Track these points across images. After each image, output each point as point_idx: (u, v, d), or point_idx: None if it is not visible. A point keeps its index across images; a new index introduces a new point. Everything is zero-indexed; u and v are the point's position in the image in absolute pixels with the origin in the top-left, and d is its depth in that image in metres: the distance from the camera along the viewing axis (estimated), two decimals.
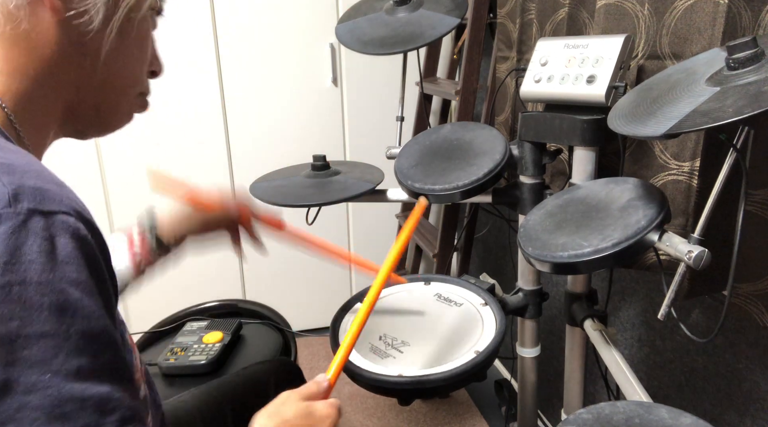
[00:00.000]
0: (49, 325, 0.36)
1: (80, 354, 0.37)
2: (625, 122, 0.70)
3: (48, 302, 0.36)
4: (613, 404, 0.68)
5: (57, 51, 0.49)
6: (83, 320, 0.38)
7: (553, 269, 0.77)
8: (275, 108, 2.18)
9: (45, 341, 0.36)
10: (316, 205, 1.10)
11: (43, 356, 0.36)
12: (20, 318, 0.35)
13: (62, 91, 0.52)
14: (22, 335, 0.35)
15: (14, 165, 0.39)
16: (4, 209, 0.36)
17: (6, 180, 0.38)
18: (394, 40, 1.12)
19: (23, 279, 0.36)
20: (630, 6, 0.97)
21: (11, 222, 0.36)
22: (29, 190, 0.38)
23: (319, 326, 2.41)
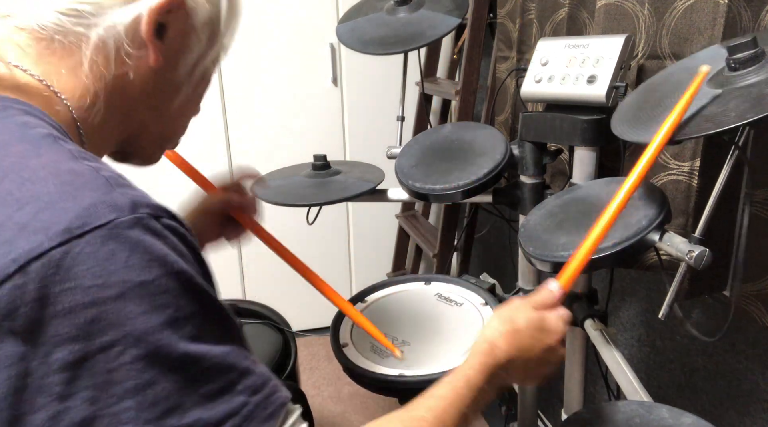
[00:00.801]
0: (192, 306, 0.42)
1: (217, 325, 0.45)
2: (629, 128, 0.70)
3: (187, 287, 0.42)
4: (613, 404, 0.68)
5: (141, 95, 0.54)
6: (212, 301, 0.45)
7: (553, 268, 0.77)
8: (275, 108, 2.18)
9: (194, 319, 0.42)
10: (316, 205, 1.10)
11: (197, 331, 0.42)
12: (173, 305, 0.41)
13: (131, 126, 0.57)
14: (179, 317, 0.41)
15: (118, 178, 0.44)
16: (130, 215, 0.41)
17: (120, 191, 0.42)
18: (395, 40, 1.12)
19: (165, 272, 0.41)
20: (630, 6, 0.97)
21: (140, 225, 0.41)
22: (140, 198, 0.43)
23: (319, 326, 2.41)
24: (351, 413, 1.93)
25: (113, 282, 0.39)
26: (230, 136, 2.17)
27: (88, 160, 0.45)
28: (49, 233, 0.38)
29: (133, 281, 0.40)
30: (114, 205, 0.41)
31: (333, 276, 2.41)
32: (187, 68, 0.56)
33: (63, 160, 0.43)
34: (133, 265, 0.40)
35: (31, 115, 0.47)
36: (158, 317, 0.40)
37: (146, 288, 0.40)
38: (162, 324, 0.40)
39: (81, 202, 0.40)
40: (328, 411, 1.94)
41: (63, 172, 0.42)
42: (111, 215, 0.40)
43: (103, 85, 0.51)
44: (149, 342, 0.40)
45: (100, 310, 0.38)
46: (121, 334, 0.39)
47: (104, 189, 0.42)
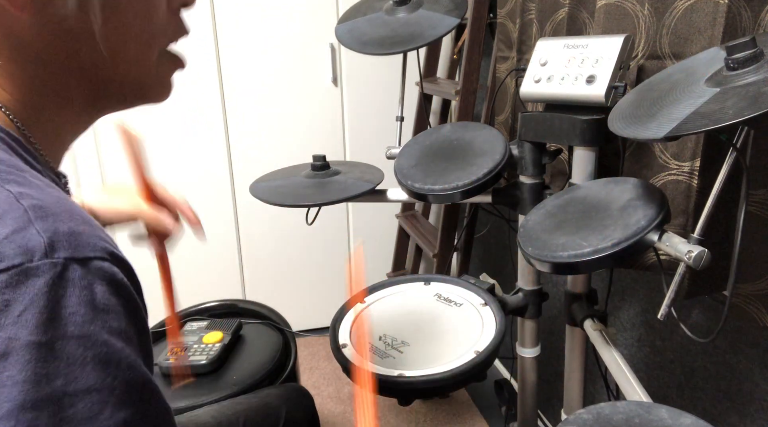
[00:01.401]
0: (93, 379, 0.35)
1: (126, 406, 0.36)
2: (626, 124, 0.70)
3: (91, 356, 0.35)
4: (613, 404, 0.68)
5: (45, 48, 0.45)
6: (127, 371, 0.37)
7: (553, 269, 0.77)
8: (275, 108, 2.18)
9: (91, 397, 0.35)
10: (316, 206, 1.10)
11: (90, 412, 0.34)
12: (65, 375, 0.34)
13: (73, 84, 0.48)
14: (68, 392, 0.34)
15: (45, 206, 0.37)
16: (41, 261, 0.35)
17: (40, 226, 0.36)
18: (394, 40, 1.12)
19: (65, 334, 0.34)
20: (630, 6, 0.97)
21: (49, 274, 0.35)
22: (64, 236, 0.36)
23: (319, 326, 2.41)
24: (351, 413, 1.93)
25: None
26: (230, 137, 2.17)
27: (14, 183, 0.38)
28: None
29: (22, 340, 0.33)
30: (24, 245, 0.34)
31: (333, 276, 2.41)
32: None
33: None
34: (27, 321, 0.33)
35: None
36: (41, 388, 0.33)
37: (35, 352, 0.33)
38: (42, 400, 0.33)
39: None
40: (328, 411, 1.94)
41: None
42: (17, 258, 0.34)
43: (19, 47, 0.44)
44: (20, 420, 0.32)
45: None
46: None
47: (19, 223, 0.35)
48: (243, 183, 2.22)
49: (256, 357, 1.36)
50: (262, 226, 2.28)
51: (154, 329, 1.50)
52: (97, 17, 0.45)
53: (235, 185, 2.22)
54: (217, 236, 2.25)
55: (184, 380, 1.02)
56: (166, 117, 2.06)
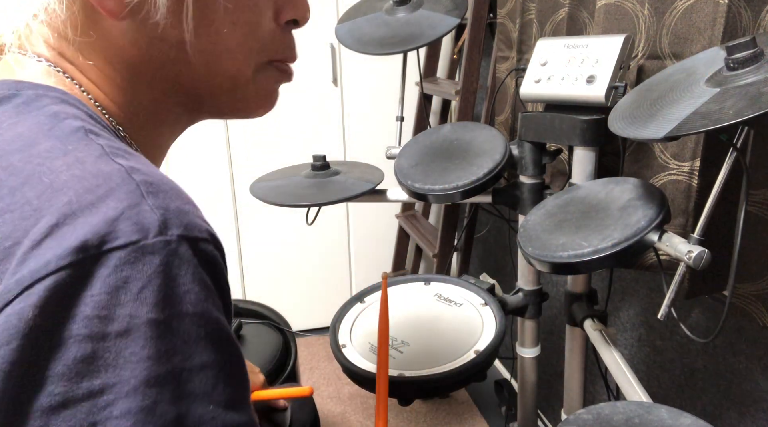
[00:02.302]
0: (207, 355, 0.36)
1: (232, 383, 0.37)
2: (626, 124, 0.70)
3: (205, 333, 0.36)
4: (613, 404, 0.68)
5: (139, 54, 0.45)
6: (232, 348, 0.38)
7: (553, 269, 0.77)
8: (275, 108, 2.17)
9: (206, 372, 0.35)
10: (316, 206, 1.10)
11: (205, 387, 0.35)
12: (182, 352, 0.34)
13: (166, 92, 0.48)
14: (185, 368, 0.34)
15: (155, 183, 0.37)
16: (156, 238, 0.35)
17: (153, 203, 0.36)
18: (394, 40, 1.12)
19: (181, 312, 0.35)
20: (630, 6, 0.97)
21: (164, 252, 0.35)
22: (174, 214, 0.36)
23: (319, 326, 2.41)
24: (351, 413, 1.93)
25: (118, 316, 0.33)
26: (230, 136, 2.17)
27: (123, 157, 0.39)
28: (60, 251, 0.32)
29: (142, 317, 0.33)
30: (140, 222, 0.35)
31: (333, 276, 2.41)
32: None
33: (91, 158, 0.37)
34: (146, 299, 0.34)
35: (66, 103, 0.42)
36: (162, 365, 0.34)
37: (155, 329, 0.34)
38: (164, 376, 0.34)
39: (104, 214, 0.34)
40: (328, 411, 1.94)
41: (89, 175, 0.36)
42: (134, 234, 0.34)
43: (97, 71, 0.45)
44: (146, 395, 0.33)
45: (96, 346, 0.32)
46: (115, 379, 0.33)
47: (133, 198, 0.35)
48: (243, 183, 2.22)
49: (256, 357, 1.36)
50: (262, 226, 2.28)
51: None
52: (189, 27, 0.44)
53: (235, 185, 2.23)
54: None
55: None
56: None
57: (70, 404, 0.32)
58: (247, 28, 0.47)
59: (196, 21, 0.44)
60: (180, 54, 0.45)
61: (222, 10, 0.45)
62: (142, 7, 0.42)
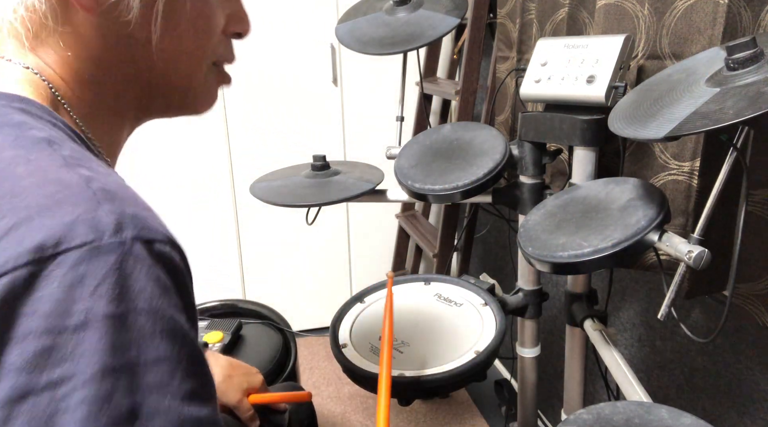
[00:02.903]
0: (162, 350, 0.37)
1: (190, 377, 0.38)
2: (626, 124, 0.70)
3: (159, 329, 0.37)
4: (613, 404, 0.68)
5: (106, 50, 0.49)
6: (190, 345, 0.39)
7: (553, 269, 0.77)
8: (275, 108, 2.18)
9: (161, 367, 0.37)
10: (316, 206, 1.10)
11: (161, 380, 0.37)
12: (137, 346, 0.36)
13: (126, 88, 0.52)
14: (140, 362, 0.36)
15: (112, 190, 0.40)
16: (111, 239, 0.37)
17: (108, 208, 0.38)
18: (394, 40, 1.12)
19: (135, 308, 0.36)
20: (630, 6, 0.97)
21: (119, 252, 0.37)
22: (129, 218, 0.38)
23: (319, 326, 2.41)
24: (351, 413, 1.93)
25: (76, 310, 0.35)
26: (230, 137, 2.17)
27: (82, 168, 0.41)
28: (19, 251, 0.34)
29: (98, 311, 0.35)
30: (95, 224, 0.37)
31: (333, 276, 2.41)
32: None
33: (53, 168, 0.40)
34: (102, 294, 0.35)
35: (28, 113, 0.44)
36: (117, 357, 0.35)
37: (111, 322, 0.35)
38: (119, 368, 0.35)
39: (61, 218, 0.36)
40: (328, 411, 1.94)
41: (49, 183, 0.38)
42: (89, 235, 0.36)
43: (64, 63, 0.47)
44: (102, 384, 0.35)
45: (54, 340, 0.34)
46: (72, 371, 0.34)
47: (89, 204, 0.38)
48: (243, 183, 2.22)
49: (256, 357, 1.36)
50: (262, 226, 2.28)
51: None
52: (156, 29, 0.49)
53: (235, 185, 2.23)
54: (217, 236, 2.25)
55: None
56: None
57: (30, 395, 0.33)
58: (204, 34, 0.53)
59: (162, 23, 0.49)
60: (144, 53, 0.50)
61: (186, 16, 0.50)
62: (117, 5, 0.46)
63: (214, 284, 2.27)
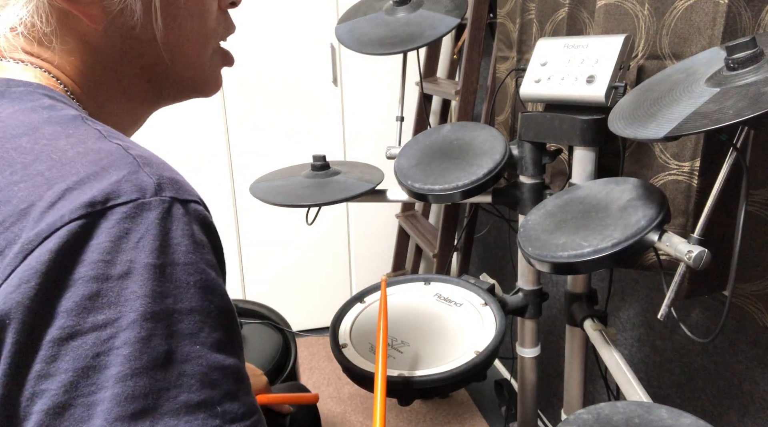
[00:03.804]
0: (195, 301, 0.40)
1: (219, 328, 0.41)
2: (626, 124, 0.70)
3: (194, 281, 0.40)
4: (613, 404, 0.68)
5: (113, 53, 0.51)
6: (219, 298, 0.42)
7: (552, 269, 0.77)
8: (275, 108, 2.18)
9: (193, 316, 0.40)
10: (316, 206, 1.10)
11: (192, 329, 0.40)
12: (174, 296, 0.39)
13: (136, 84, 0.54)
14: (176, 310, 0.39)
15: (148, 157, 0.43)
16: (153, 197, 0.40)
17: (148, 171, 0.42)
18: (394, 40, 1.12)
19: (173, 261, 0.40)
20: (630, 6, 0.97)
21: (160, 209, 0.40)
22: (168, 180, 0.42)
23: (319, 326, 2.41)
24: (351, 413, 1.93)
25: (120, 260, 0.38)
26: (230, 136, 2.17)
27: (118, 139, 0.44)
28: (72, 206, 0.38)
29: (140, 262, 0.39)
30: (139, 185, 0.40)
31: (333, 276, 2.41)
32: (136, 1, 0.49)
33: (91, 139, 0.43)
34: (144, 246, 0.39)
35: (54, 98, 0.47)
36: (156, 303, 0.38)
37: (152, 272, 0.39)
38: (158, 314, 0.38)
39: (107, 179, 0.40)
40: (328, 411, 1.94)
41: (91, 152, 0.42)
42: (134, 194, 0.40)
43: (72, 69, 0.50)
44: (143, 328, 0.38)
45: (101, 286, 0.37)
46: (117, 314, 0.37)
47: (132, 168, 0.41)
48: (243, 183, 2.22)
49: (256, 357, 1.36)
50: (262, 226, 2.28)
51: None
52: (159, 24, 0.51)
53: (235, 185, 2.23)
54: None
55: None
56: (167, 117, 2.06)
57: (77, 335, 0.37)
58: (202, 17, 0.55)
59: (163, 18, 0.51)
60: (151, 49, 0.52)
61: (182, 4, 0.52)
62: (122, 12, 0.49)
63: None
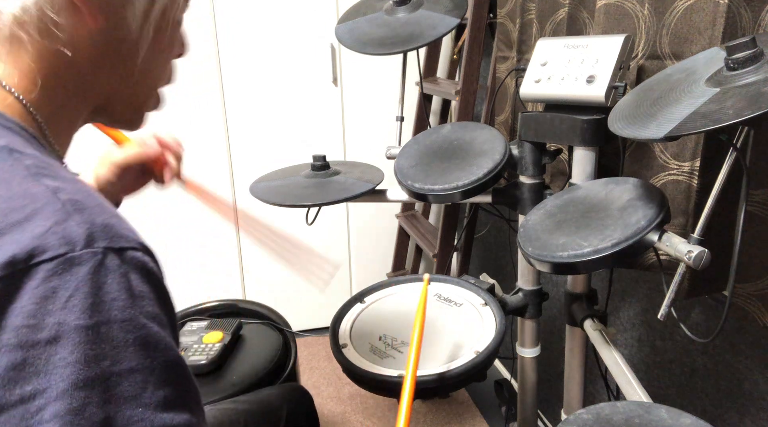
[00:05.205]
0: (135, 360, 0.37)
1: (165, 385, 0.39)
2: (626, 124, 0.70)
3: (133, 338, 0.37)
4: (613, 404, 0.68)
5: (94, 62, 0.50)
6: (163, 352, 0.39)
7: (552, 269, 0.77)
8: (275, 108, 2.18)
9: (134, 376, 0.37)
10: (316, 206, 1.10)
11: (134, 390, 0.37)
12: (111, 357, 0.36)
13: (96, 96, 0.53)
14: (114, 372, 0.36)
15: (80, 201, 0.40)
16: (83, 250, 0.37)
17: (78, 219, 0.38)
18: (394, 40, 1.12)
19: (108, 319, 0.37)
20: (630, 6, 0.97)
21: (91, 263, 0.37)
22: (100, 227, 0.38)
23: (319, 326, 2.41)
24: (351, 413, 1.93)
25: (47, 324, 0.35)
26: (230, 136, 2.17)
27: (48, 178, 0.40)
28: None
29: (70, 324, 0.35)
30: (67, 236, 0.37)
31: (333, 276, 2.41)
32: (138, 17, 0.50)
33: (16, 179, 0.40)
34: (74, 307, 0.35)
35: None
36: (90, 369, 0.35)
37: (83, 335, 0.35)
38: (92, 380, 0.35)
39: (31, 231, 0.36)
40: (328, 411, 1.94)
41: (15, 197, 0.38)
42: (61, 248, 0.36)
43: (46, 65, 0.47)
44: (75, 398, 0.34)
45: (26, 354, 0.34)
46: (45, 384, 0.34)
47: (59, 216, 0.37)
48: (243, 183, 2.22)
49: (256, 357, 1.36)
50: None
51: None
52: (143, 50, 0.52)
53: (235, 185, 2.22)
54: (217, 236, 2.25)
55: None
56: (167, 117, 2.06)
57: (3, 409, 0.33)
58: (167, 60, 0.58)
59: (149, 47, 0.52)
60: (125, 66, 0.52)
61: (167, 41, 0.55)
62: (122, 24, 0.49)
63: (214, 284, 2.27)
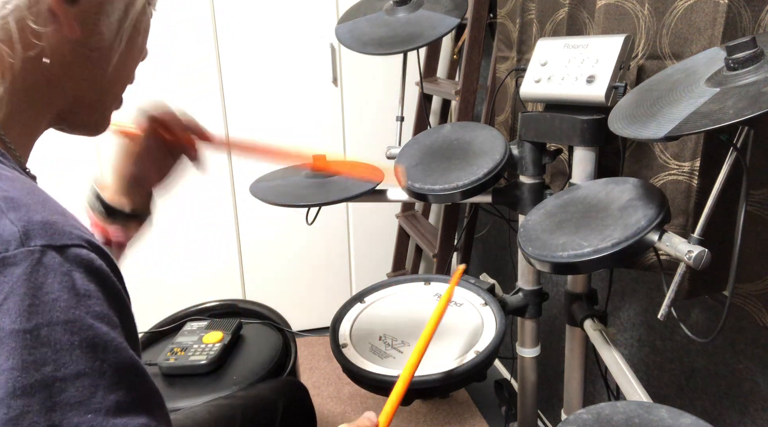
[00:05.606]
0: (83, 364, 0.35)
1: (117, 388, 0.36)
2: (626, 124, 0.70)
3: (78, 340, 0.35)
4: (613, 404, 0.68)
5: (64, 70, 0.49)
6: (114, 354, 0.37)
7: (553, 269, 0.77)
8: (275, 108, 2.18)
9: (81, 381, 0.35)
10: (316, 206, 1.10)
11: (81, 396, 0.35)
12: (53, 361, 0.34)
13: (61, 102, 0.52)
14: (58, 378, 0.34)
15: (17, 198, 0.37)
16: (17, 249, 0.35)
17: (13, 217, 0.36)
18: (394, 40, 1.12)
19: (49, 320, 0.34)
20: (630, 6, 0.97)
21: (27, 262, 0.34)
22: (38, 225, 0.36)
23: (319, 326, 2.41)
24: (351, 413, 1.93)
25: None
26: (230, 136, 2.17)
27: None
28: None
29: (5, 329, 0.33)
30: (0, 235, 0.34)
31: (333, 276, 2.41)
32: (113, 27, 0.50)
33: None
34: (9, 310, 0.33)
35: None
36: (30, 375, 0.33)
37: (20, 339, 0.33)
38: (33, 386, 0.33)
39: None
40: (328, 411, 1.94)
41: None
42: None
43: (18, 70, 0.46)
44: (12, 407, 0.32)
45: None
46: None
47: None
48: (243, 183, 2.22)
49: (256, 357, 1.36)
50: (262, 226, 2.28)
51: (154, 328, 1.50)
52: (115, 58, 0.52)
53: (235, 185, 2.22)
54: (217, 236, 2.25)
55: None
56: None
57: None
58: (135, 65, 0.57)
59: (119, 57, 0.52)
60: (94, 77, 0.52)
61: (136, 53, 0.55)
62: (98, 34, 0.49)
63: (214, 284, 2.27)
